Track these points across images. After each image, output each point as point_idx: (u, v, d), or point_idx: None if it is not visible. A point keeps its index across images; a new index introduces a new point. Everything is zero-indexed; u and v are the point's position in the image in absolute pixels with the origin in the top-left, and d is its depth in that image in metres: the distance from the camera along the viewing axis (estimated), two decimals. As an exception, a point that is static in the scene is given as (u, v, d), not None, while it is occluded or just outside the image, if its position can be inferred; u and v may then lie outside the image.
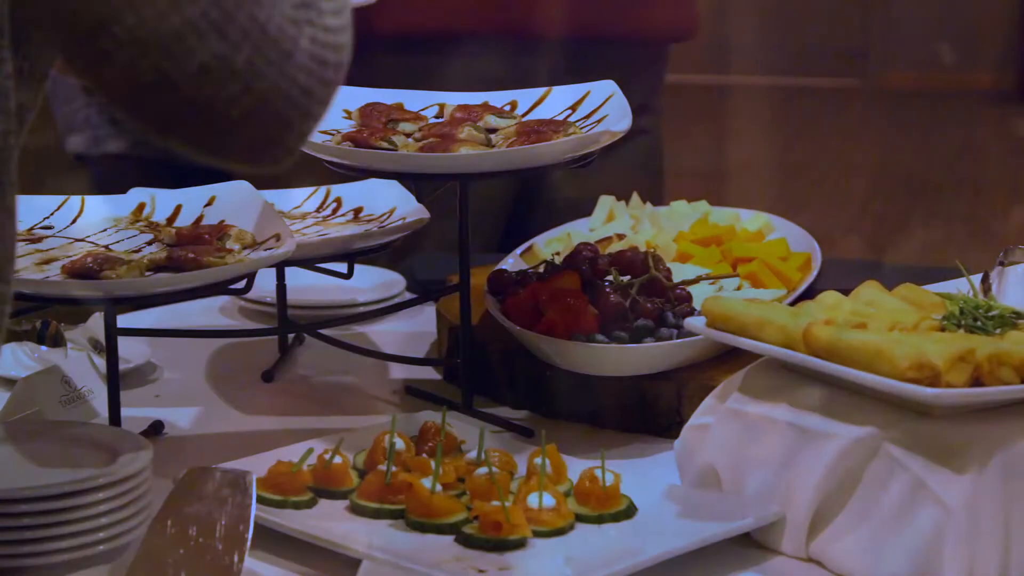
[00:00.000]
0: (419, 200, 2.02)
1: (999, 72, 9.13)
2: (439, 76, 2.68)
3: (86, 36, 1.09)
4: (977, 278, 1.70)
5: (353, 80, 2.35)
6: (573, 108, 1.96)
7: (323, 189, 2.08)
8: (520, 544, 1.47)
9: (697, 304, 1.80)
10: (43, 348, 1.91)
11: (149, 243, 1.81)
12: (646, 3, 2.78)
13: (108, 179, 2.70)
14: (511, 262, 2.01)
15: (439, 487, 1.53)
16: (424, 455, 1.61)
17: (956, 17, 9.08)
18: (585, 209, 2.18)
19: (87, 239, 1.81)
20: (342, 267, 1.99)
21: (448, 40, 2.71)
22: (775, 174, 6.91)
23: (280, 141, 1.15)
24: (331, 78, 1.15)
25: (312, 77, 1.13)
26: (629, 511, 1.53)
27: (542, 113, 1.96)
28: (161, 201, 1.93)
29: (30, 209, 1.87)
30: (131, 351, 1.96)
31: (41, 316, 1.91)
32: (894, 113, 8.41)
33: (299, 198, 2.08)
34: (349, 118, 1.94)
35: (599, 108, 1.93)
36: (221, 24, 1.08)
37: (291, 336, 2.06)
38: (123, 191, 1.96)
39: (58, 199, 1.90)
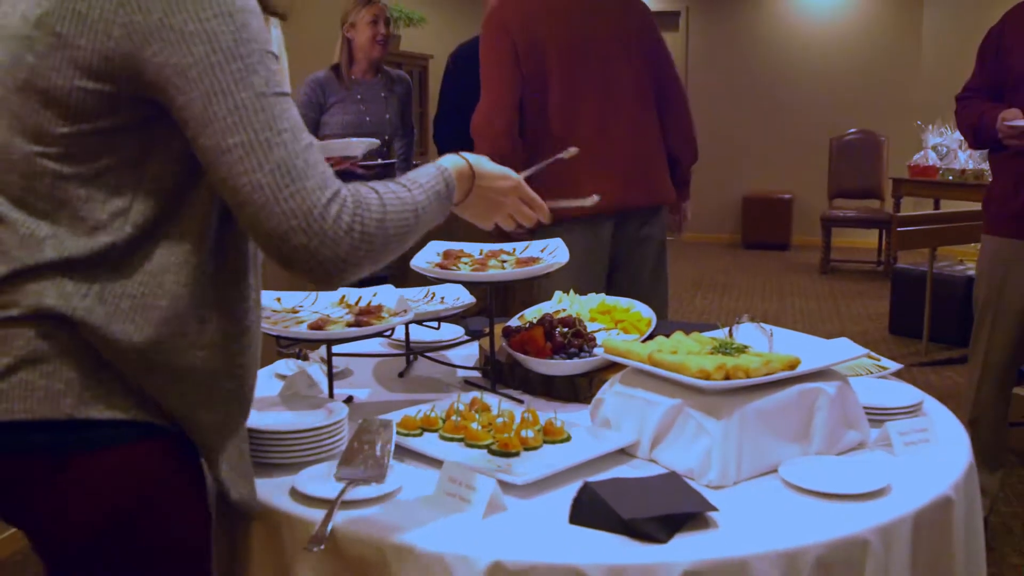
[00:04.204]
0: (471, 294, 2.02)
1: (731, 232, 9.16)
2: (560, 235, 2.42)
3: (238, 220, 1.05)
4: (726, 330, 1.70)
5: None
6: (542, 251, 1.95)
7: (426, 288, 2.08)
8: (517, 455, 1.45)
9: (599, 341, 1.79)
10: (299, 362, 1.90)
11: (346, 313, 1.80)
12: (657, 183, 2.71)
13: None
14: (514, 321, 2.00)
15: (479, 427, 1.52)
16: (473, 412, 1.60)
17: (713, 202, 9.13)
18: (548, 295, 2.17)
19: (318, 311, 1.81)
20: (435, 324, 1.98)
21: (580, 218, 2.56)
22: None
23: (328, 280, 1.09)
24: (364, 251, 1.08)
25: (351, 251, 1.07)
26: (568, 439, 1.52)
27: (529, 253, 1.96)
28: (352, 294, 1.92)
29: (293, 298, 1.87)
30: (339, 363, 1.96)
31: (298, 347, 1.91)
32: (688, 253, 8.41)
33: (417, 293, 2.07)
34: (439, 255, 1.93)
35: (555, 251, 1.93)
36: (306, 229, 1.05)
37: (412, 356, 2.05)
38: (334, 289, 1.95)
39: (304, 293, 1.89)
